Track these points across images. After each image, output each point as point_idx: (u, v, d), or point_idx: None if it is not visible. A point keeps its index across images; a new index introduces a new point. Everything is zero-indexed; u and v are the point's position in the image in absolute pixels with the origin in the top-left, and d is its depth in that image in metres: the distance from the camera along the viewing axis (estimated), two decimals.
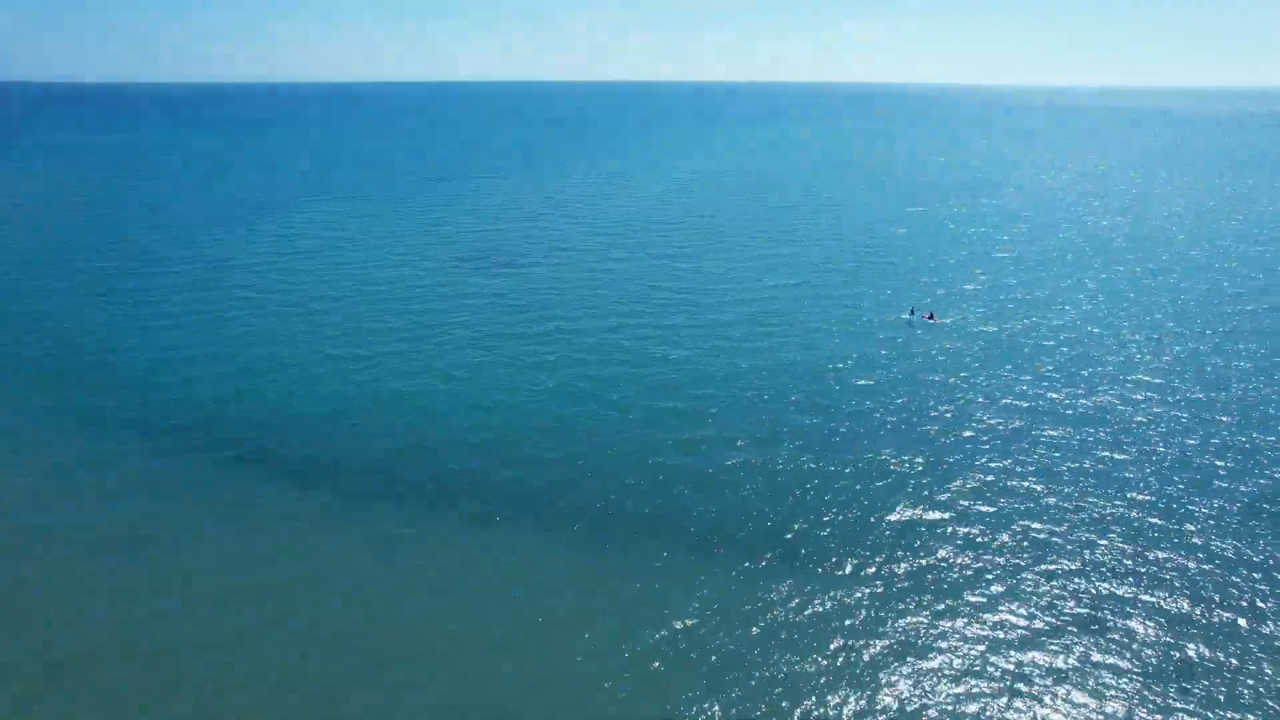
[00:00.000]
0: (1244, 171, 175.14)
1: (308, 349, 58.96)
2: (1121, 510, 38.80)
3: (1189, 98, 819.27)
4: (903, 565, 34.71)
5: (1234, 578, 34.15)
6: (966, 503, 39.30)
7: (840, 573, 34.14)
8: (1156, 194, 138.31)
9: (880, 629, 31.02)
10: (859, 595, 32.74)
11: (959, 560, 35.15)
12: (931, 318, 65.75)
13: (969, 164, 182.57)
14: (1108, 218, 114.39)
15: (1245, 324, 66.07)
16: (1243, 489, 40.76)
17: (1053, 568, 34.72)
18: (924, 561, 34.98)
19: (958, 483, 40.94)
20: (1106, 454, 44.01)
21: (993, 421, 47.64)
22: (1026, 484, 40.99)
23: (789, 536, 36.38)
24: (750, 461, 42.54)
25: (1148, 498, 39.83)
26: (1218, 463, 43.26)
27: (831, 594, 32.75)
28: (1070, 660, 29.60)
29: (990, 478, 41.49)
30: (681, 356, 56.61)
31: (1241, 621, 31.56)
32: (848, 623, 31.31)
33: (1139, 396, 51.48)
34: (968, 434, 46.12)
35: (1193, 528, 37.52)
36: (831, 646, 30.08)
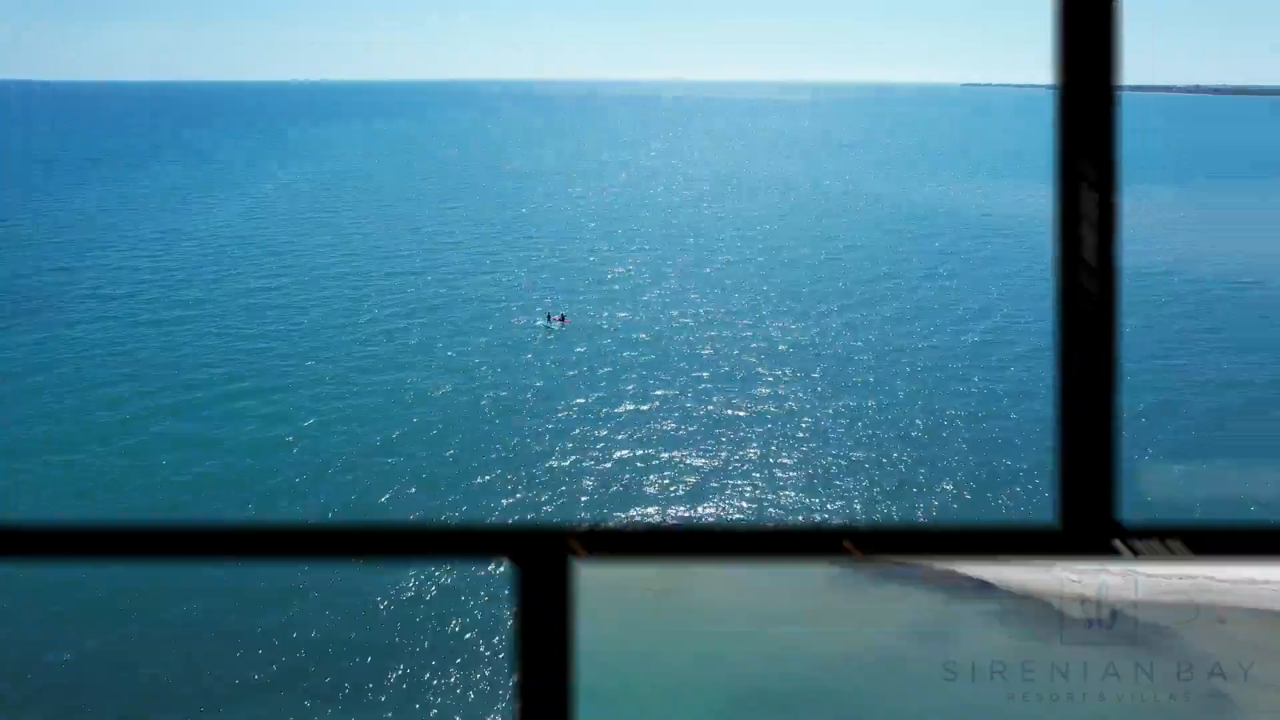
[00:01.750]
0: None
1: None
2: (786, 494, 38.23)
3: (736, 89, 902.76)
4: None
5: None
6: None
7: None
8: (734, 180, 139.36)
9: None
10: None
11: None
12: (564, 320, 62.25)
13: (564, 159, 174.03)
14: (717, 203, 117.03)
15: (900, 308, 66.69)
16: (901, 466, 41.89)
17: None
18: None
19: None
20: (757, 446, 43.23)
21: (649, 431, 44.99)
22: (690, 495, 38.82)
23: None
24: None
25: (801, 474, 40.00)
26: (871, 451, 43.66)
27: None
28: None
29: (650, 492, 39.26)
30: (292, 431, 44.86)
31: None
32: None
33: (783, 385, 51.50)
34: (627, 455, 43.34)
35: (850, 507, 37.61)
36: None
